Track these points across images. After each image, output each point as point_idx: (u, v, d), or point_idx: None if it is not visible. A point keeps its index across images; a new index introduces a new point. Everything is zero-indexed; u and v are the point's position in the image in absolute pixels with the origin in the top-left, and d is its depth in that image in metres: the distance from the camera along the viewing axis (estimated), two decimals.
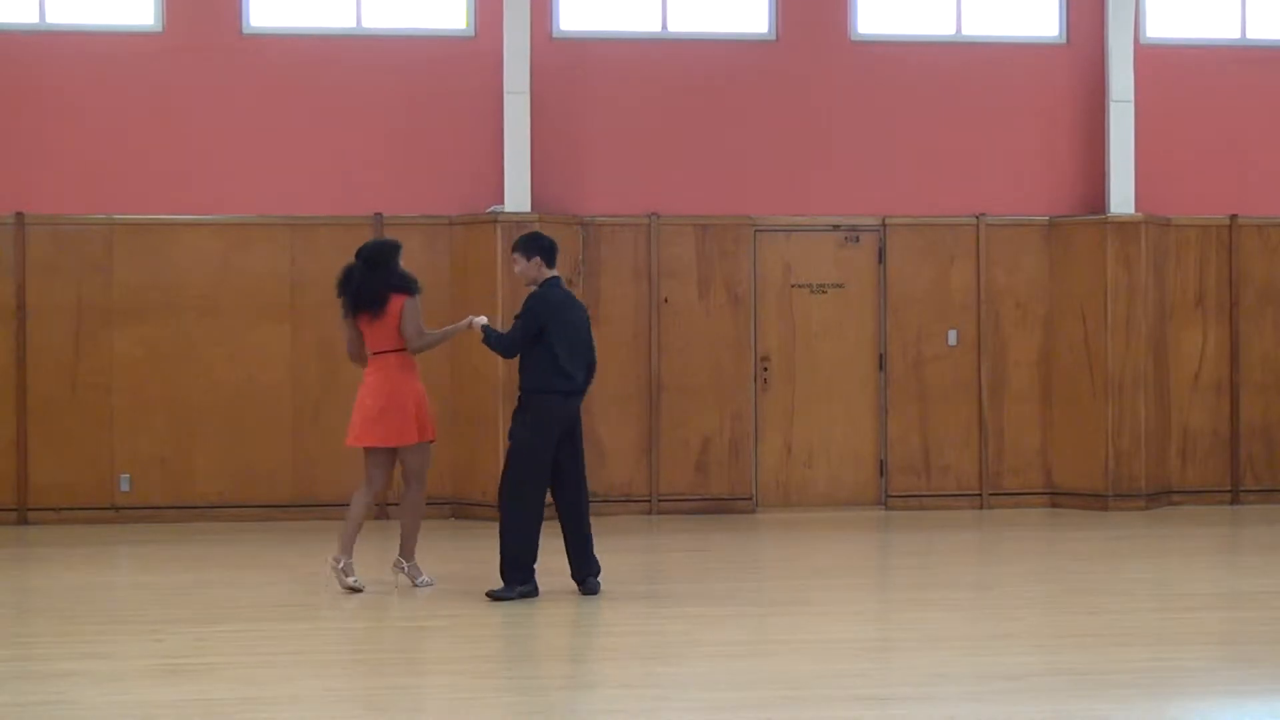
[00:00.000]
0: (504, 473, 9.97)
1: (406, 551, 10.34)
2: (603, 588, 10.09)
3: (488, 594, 9.83)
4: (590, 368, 10.12)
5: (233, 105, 14.12)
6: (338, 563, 10.11)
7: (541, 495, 9.92)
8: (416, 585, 10.29)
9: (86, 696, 7.28)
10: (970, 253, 14.62)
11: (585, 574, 10.06)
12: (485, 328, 10.16)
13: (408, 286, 10.16)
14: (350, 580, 10.06)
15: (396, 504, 10.92)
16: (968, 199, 14.69)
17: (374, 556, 11.12)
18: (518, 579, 9.82)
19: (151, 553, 12.31)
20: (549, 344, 9.83)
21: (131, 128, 14.02)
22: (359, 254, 10.34)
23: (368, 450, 10.23)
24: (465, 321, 10.36)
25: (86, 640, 8.64)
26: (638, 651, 8.46)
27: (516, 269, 10.13)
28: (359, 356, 10.34)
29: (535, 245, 10.07)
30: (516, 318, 10.02)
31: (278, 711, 7.06)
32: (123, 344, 13.88)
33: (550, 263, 10.08)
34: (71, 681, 7.58)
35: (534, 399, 9.86)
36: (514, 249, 10.17)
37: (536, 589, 9.88)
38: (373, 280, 10.15)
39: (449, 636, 8.94)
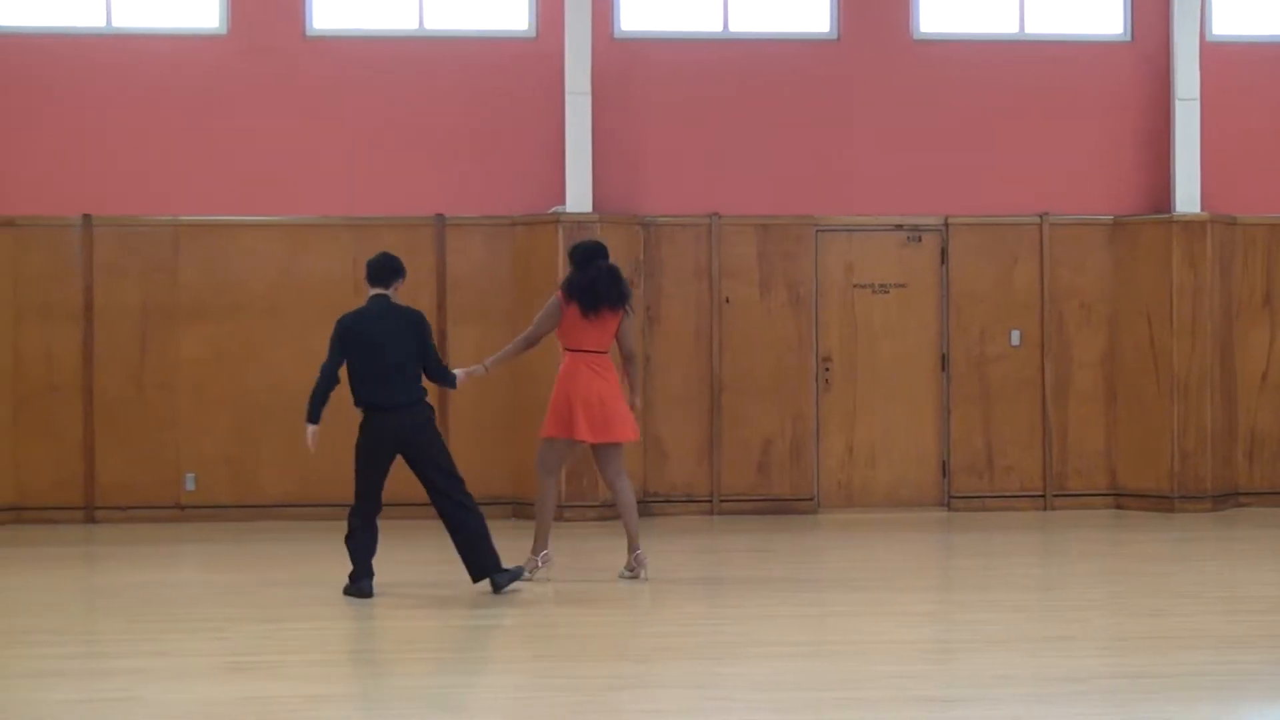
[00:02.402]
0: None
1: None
2: (662, 588, 10.15)
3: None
4: (396, 378, 10.03)
5: (296, 107, 14.22)
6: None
7: (367, 507, 10.27)
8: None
9: (152, 693, 7.34)
10: (1034, 252, 14.53)
11: (484, 573, 10.09)
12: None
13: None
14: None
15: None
16: (1031, 198, 14.60)
17: (434, 554, 11.16)
18: (355, 575, 10.01)
19: (216, 551, 12.41)
20: (349, 364, 10.06)
21: (196, 130, 14.14)
22: (601, 253, 10.56)
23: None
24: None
25: (152, 638, 8.72)
26: (699, 652, 8.46)
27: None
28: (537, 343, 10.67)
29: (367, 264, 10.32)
30: None
31: (340, 709, 7.10)
32: (188, 344, 14.00)
33: (371, 281, 10.20)
34: (137, 678, 7.64)
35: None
36: None
37: (363, 591, 9.96)
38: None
39: (511, 635, 8.97)
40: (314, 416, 10.14)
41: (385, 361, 9.97)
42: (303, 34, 14.27)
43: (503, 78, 14.34)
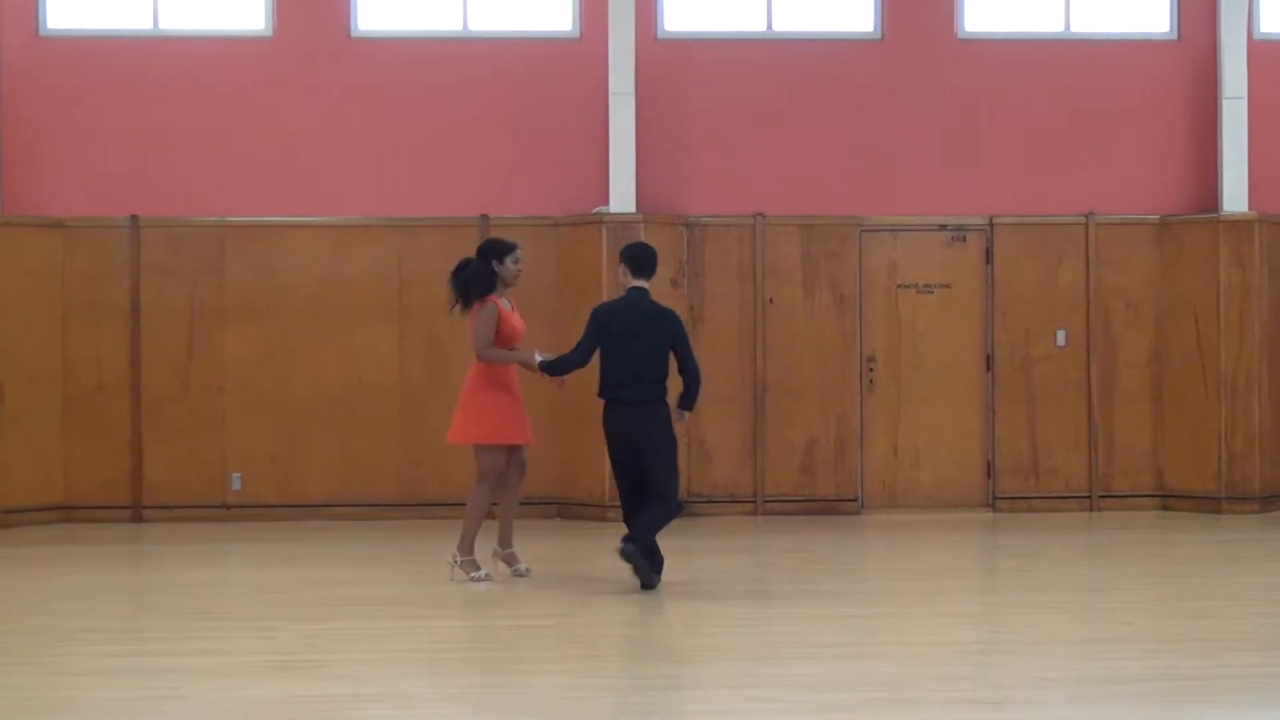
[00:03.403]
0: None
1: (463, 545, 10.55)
2: (706, 588, 10.19)
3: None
4: (640, 378, 10.06)
5: (341, 108, 14.28)
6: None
7: (622, 494, 10.25)
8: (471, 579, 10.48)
9: (198, 692, 7.39)
10: (1079, 252, 14.46)
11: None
12: (543, 362, 10.33)
13: (472, 294, 10.41)
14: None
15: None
16: (1076, 198, 14.53)
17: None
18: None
19: (262, 550, 12.48)
20: (600, 353, 10.14)
21: (242, 131, 14.22)
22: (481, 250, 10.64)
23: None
24: (529, 356, 10.47)
25: (198, 636, 8.78)
26: (743, 652, 8.46)
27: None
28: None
29: (622, 254, 10.34)
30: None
31: (386, 709, 7.13)
32: (234, 344, 14.07)
33: (635, 272, 10.20)
34: (184, 676, 7.70)
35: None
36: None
37: (647, 586, 10.08)
38: (459, 277, 10.45)
39: (556, 635, 8.98)
40: (551, 368, 10.25)
41: (631, 356, 10.02)
42: (347, 35, 14.33)
43: (546, 78, 14.36)
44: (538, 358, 10.35)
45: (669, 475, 10.09)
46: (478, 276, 10.41)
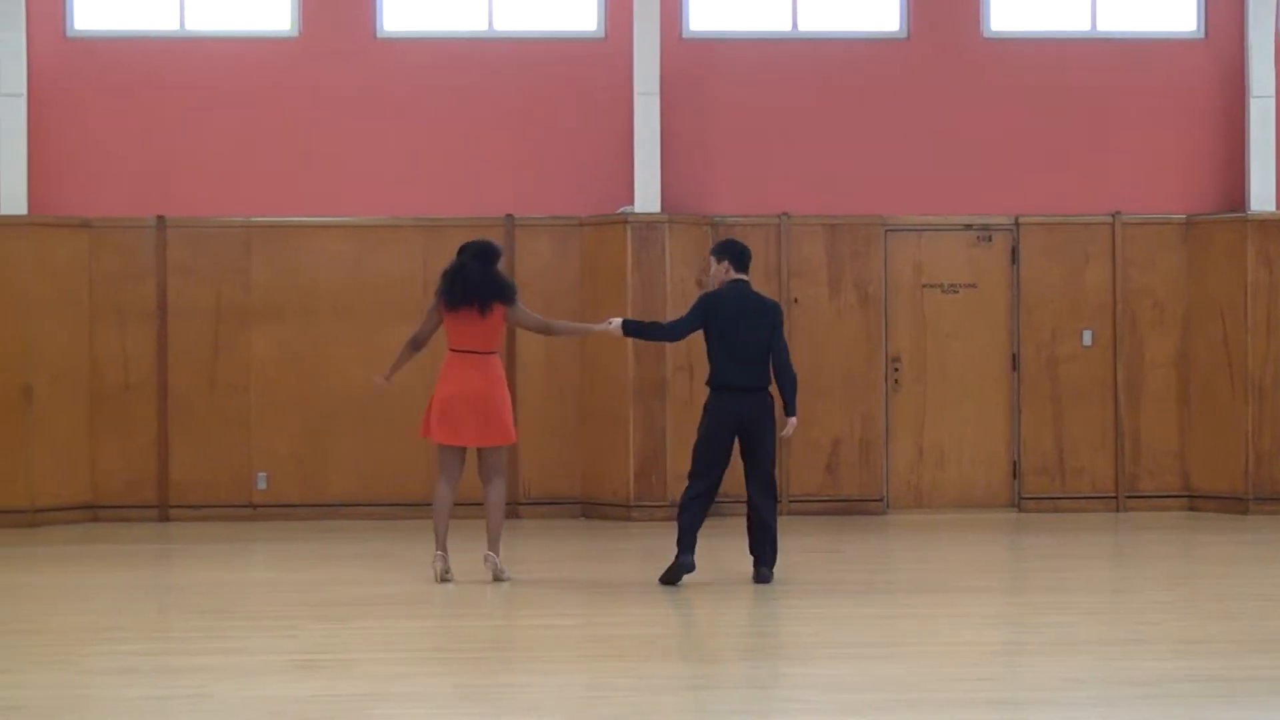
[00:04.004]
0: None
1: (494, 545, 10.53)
2: (730, 588, 10.22)
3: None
4: (749, 366, 10.30)
5: (366, 108, 14.30)
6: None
7: (701, 483, 10.33)
8: (503, 579, 10.42)
9: (223, 690, 7.41)
10: (1105, 252, 14.41)
11: (757, 562, 10.43)
12: (626, 321, 10.59)
13: (510, 293, 10.46)
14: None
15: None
16: (1103, 197, 14.48)
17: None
18: (679, 547, 10.25)
19: (287, 550, 12.51)
20: (708, 341, 10.36)
21: (268, 131, 14.25)
22: (469, 250, 10.55)
23: (446, 446, 10.64)
24: (603, 324, 10.64)
25: (223, 635, 8.80)
26: (766, 652, 8.45)
27: (710, 273, 10.64)
28: (420, 347, 10.77)
29: (723, 250, 10.55)
30: None
31: (408, 707, 7.14)
32: (260, 344, 14.11)
33: (737, 266, 10.43)
34: (209, 675, 7.71)
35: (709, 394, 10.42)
36: (710, 253, 10.78)
37: (684, 566, 10.19)
38: (489, 278, 10.38)
39: (579, 635, 8.99)
40: (638, 332, 10.69)
41: (740, 343, 10.26)
42: (373, 35, 14.35)
43: (571, 78, 14.37)
44: (613, 321, 10.54)
45: (772, 460, 10.44)
46: (504, 277, 10.48)
